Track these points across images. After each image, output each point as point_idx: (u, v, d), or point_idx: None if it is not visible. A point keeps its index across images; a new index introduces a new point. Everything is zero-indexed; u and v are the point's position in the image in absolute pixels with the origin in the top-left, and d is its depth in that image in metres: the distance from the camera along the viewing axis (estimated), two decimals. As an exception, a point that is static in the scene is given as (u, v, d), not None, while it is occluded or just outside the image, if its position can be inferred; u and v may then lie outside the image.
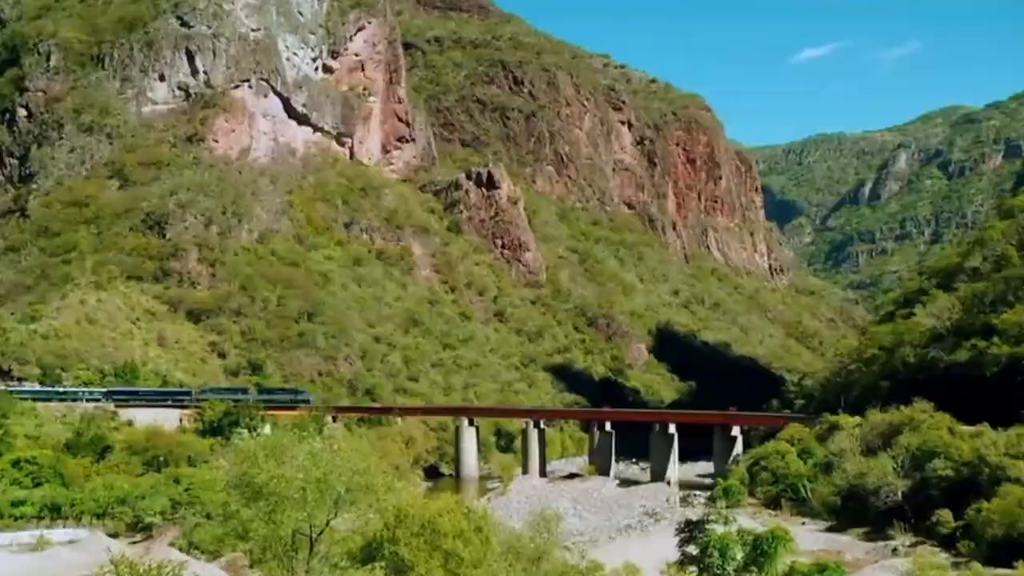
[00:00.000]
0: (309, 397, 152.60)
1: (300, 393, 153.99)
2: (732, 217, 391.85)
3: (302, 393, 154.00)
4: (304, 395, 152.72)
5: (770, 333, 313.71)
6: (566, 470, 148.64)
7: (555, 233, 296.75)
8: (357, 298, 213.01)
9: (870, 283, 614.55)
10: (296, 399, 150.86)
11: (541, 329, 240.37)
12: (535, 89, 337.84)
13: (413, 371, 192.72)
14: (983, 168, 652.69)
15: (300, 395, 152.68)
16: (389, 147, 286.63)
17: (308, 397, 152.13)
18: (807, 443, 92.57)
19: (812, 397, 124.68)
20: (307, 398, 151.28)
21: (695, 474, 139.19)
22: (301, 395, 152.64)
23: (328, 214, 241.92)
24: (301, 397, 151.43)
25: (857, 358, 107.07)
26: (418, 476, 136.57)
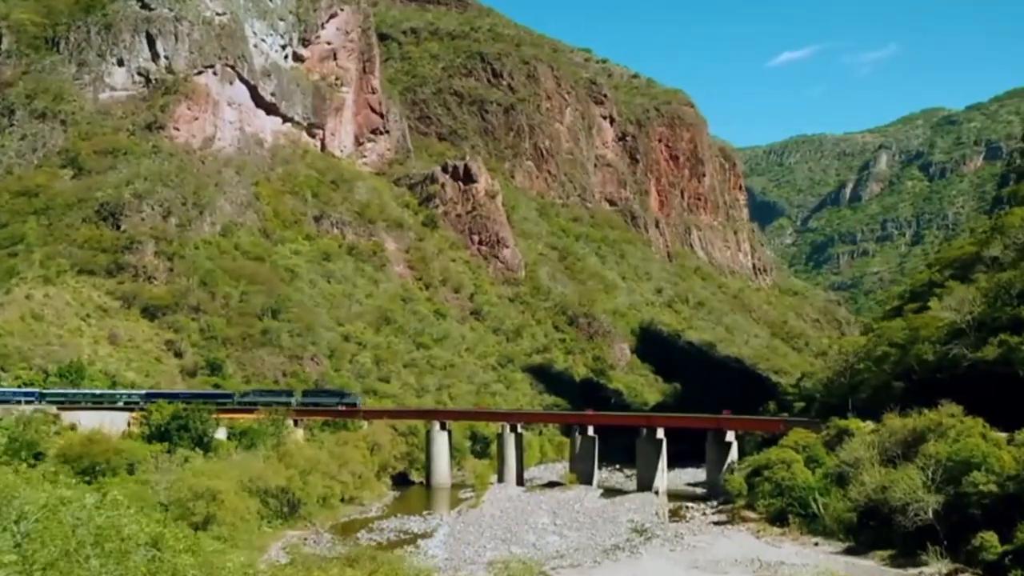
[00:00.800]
0: (356, 400, 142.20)
1: (346, 395, 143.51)
2: (716, 215, 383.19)
3: (348, 395, 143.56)
4: (351, 397, 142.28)
5: (755, 333, 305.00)
6: (545, 477, 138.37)
7: (534, 230, 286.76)
8: (326, 295, 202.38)
9: (851, 284, 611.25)
10: (343, 402, 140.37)
11: (519, 328, 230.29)
12: (514, 82, 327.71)
13: (384, 371, 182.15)
14: (964, 170, 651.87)
15: (346, 398, 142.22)
16: (362, 139, 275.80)
17: (355, 400, 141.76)
18: (814, 450, 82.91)
19: (813, 399, 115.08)
20: (354, 400, 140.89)
21: (684, 482, 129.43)
22: (347, 398, 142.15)
23: (297, 207, 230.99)
24: (348, 400, 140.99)
25: (865, 356, 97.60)
26: (385, 484, 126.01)
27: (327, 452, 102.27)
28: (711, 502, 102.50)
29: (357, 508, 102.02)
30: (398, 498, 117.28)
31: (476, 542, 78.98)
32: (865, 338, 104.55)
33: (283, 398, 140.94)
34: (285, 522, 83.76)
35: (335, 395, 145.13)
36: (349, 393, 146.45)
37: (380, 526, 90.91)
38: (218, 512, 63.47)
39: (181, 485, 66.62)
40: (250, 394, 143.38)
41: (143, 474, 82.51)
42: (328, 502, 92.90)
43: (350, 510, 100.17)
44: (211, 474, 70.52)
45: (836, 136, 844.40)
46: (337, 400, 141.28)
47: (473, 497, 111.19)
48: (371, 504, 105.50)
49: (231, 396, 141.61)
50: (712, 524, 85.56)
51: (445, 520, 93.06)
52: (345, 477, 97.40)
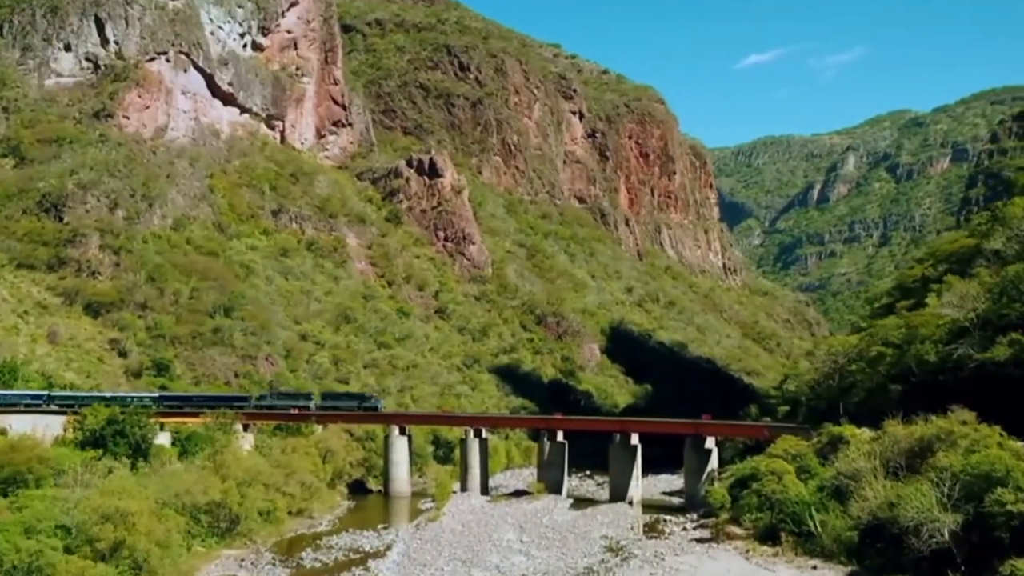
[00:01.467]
0: (378, 403, 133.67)
1: (367, 399, 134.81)
2: (686, 214, 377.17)
3: (369, 399, 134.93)
4: (372, 401, 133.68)
5: (727, 333, 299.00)
6: (511, 485, 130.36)
7: (502, 226, 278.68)
8: (283, 292, 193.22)
9: (819, 286, 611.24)
10: (363, 405, 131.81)
11: (486, 327, 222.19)
12: (482, 75, 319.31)
13: (343, 372, 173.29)
14: (931, 171, 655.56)
15: (367, 401, 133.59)
16: (324, 131, 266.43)
17: (377, 403, 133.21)
18: (806, 460, 75.56)
19: (798, 403, 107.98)
20: (375, 404, 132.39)
21: (659, 491, 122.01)
22: (368, 401, 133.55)
23: (254, 201, 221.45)
24: (369, 404, 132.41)
25: (856, 357, 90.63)
26: (340, 494, 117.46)
27: (273, 460, 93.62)
28: (691, 515, 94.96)
29: (306, 522, 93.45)
30: (353, 509, 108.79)
31: (433, 563, 70.83)
32: (856, 337, 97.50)
33: (302, 401, 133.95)
34: (221, 540, 75.11)
35: (354, 398, 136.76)
36: (370, 396, 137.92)
37: (329, 543, 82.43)
38: (128, 537, 54.96)
39: (86, 505, 57.80)
40: (267, 397, 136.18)
41: (64, 488, 73.46)
42: (273, 516, 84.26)
43: (298, 524, 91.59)
44: (125, 491, 61.70)
45: (804, 137, 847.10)
46: (356, 404, 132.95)
47: (433, 508, 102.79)
48: (322, 517, 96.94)
49: (247, 399, 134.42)
50: (694, 541, 77.94)
51: (401, 536, 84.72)
52: (292, 488, 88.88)
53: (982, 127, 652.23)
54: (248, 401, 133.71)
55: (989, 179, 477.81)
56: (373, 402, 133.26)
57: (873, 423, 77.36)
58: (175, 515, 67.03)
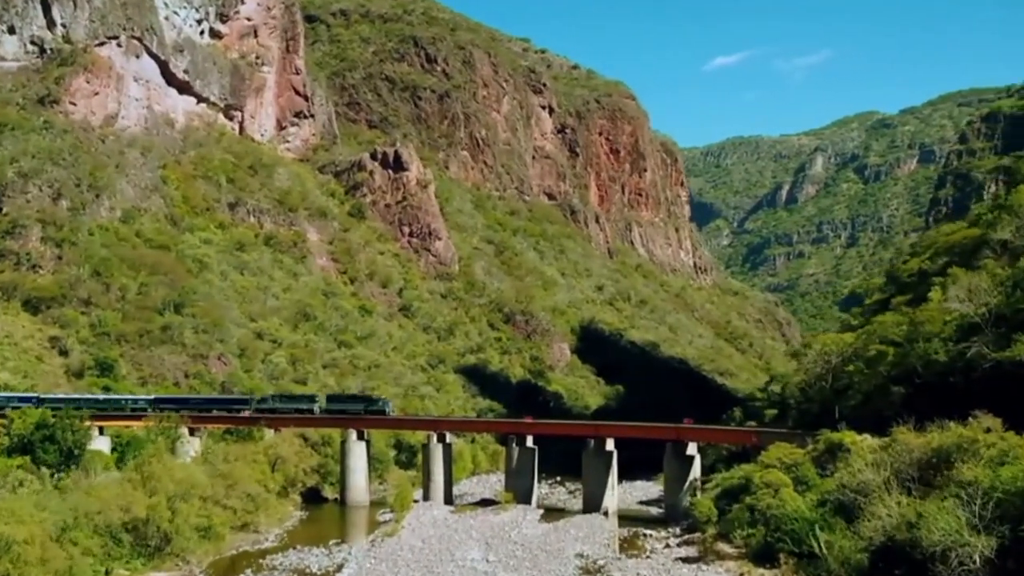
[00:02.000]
0: (386, 406, 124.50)
1: (374, 402, 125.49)
2: (657, 211, 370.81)
3: (376, 402, 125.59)
4: (379, 404, 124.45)
5: (699, 333, 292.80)
6: (478, 493, 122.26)
7: (469, 222, 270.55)
8: (238, 288, 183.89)
9: (787, 286, 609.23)
10: (369, 409, 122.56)
11: (452, 326, 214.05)
12: (449, 68, 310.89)
13: (301, 372, 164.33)
14: (898, 173, 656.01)
15: (374, 404, 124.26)
16: (284, 123, 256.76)
17: (385, 406, 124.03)
18: (803, 470, 68.26)
19: (787, 406, 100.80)
20: (383, 408, 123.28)
21: (636, 500, 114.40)
22: (375, 404, 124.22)
23: (210, 193, 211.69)
24: (375, 407, 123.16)
25: (853, 356, 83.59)
26: (292, 503, 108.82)
27: (214, 470, 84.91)
28: (673, 528, 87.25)
29: (251, 537, 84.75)
30: (305, 521, 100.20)
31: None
32: (851, 335, 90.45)
33: (305, 404, 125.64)
34: (149, 562, 66.43)
35: (360, 401, 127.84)
36: (377, 399, 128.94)
37: (273, 562, 73.92)
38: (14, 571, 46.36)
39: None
40: (268, 399, 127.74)
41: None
42: (213, 532, 75.61)
43: (242, 540, 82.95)
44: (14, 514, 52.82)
45: (772, 138, 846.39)
46: (363, 407, 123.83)
47: (392, 521, 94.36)
48: (269, 531, 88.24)
49: (247, 402, 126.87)
50: (680, 561, 70.23)
51: (354, 554, 76.25)
52: (234, 501, 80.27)
53: (949, 129, 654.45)
54: (248, 404, 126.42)
55: (958, 180, 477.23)
56: (380, 405, 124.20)
57: (874, 429, 70.38)
58: (88, 537, 58.54)
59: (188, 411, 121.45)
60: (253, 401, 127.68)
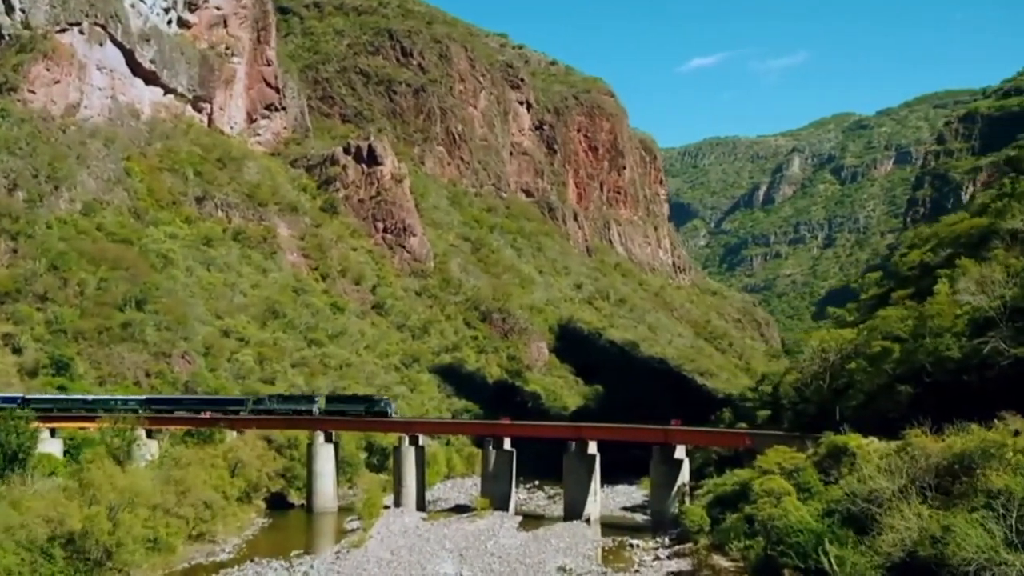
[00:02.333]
0: (389, 407, 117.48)
1: (376, 403, 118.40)
2: (635, 209, 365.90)
3: (379, 403, 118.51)
4: (382, 405, 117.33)
5: (679, 332, 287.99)
6: (452, 499, 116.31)
7: (445, 219, 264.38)
8: (204, 284, 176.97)
9: (764, 287, 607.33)
10: (370, 410, 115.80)
11: (427, 324, 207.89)
12: (425, 61, 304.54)
13: (268, 372, 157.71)
14: (875, 174, 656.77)
15: (376, 405, 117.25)
16: (255, 115, 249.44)
17: (387, 407, 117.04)
18: (805, 476, 62.79)
19: (781, 407, 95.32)
20: (385, 408, 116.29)
21: (619, 505, 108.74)
22: (377, 405, 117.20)
23: (176, 186, 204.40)
24: (378, 408, 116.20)
25: (854, 353, 78.28)
26: (256, 510, 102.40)
27: (166, 476, 78.43)
28: (661, 537, 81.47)
29: (206, 548, 78.44)
30: (268, 529, 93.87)
31: None
32: (851, 331, 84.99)
33: (304, 405, 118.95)
34: (88, 579, 60.05)
35: (361, 401, 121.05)
36: (379, 399, 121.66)
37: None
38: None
39: None
40: (265, 400, 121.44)
41: None
42: (164, 543, 69.28)
43: (196, 551, 76.63)
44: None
45: (749, 139, 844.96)
46: (364, 408, 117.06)
47: (359, 529, 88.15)
48: (227, 541, 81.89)
49: (243, 402, 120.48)
50: (671, 575, 64.82)
51: (316, 568, 70.16)
52: (186, 509, 73.91)
53: (925, 130, 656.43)
54: (244, 405, 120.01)
55: (936, 180, 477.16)
56: (383, 406, 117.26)
57: (879, 431, 65.16)
58: (9, 553, 52.21)
59: (182, 411, 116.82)
60: (249, 402, 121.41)
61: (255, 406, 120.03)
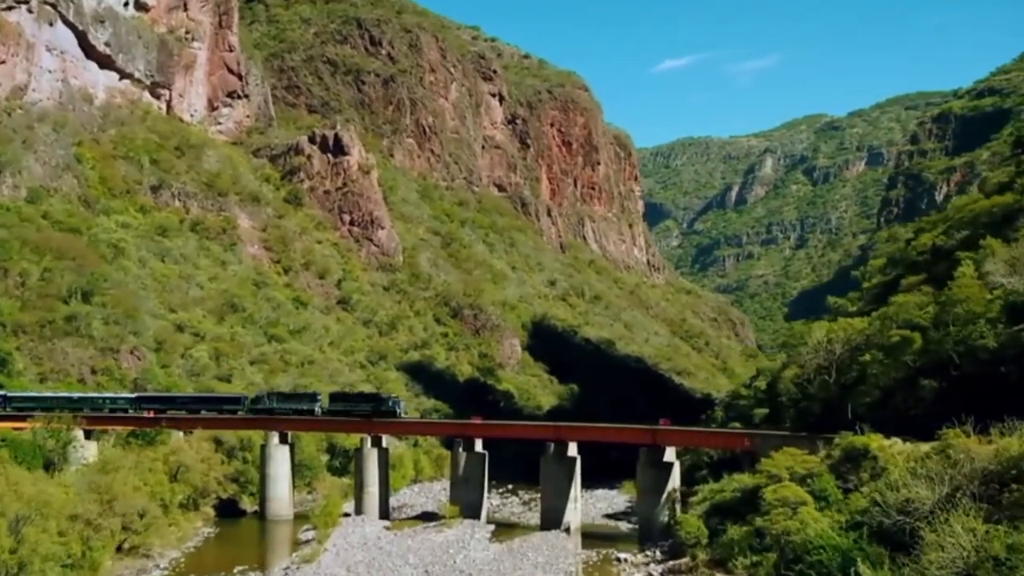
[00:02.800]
0: (397, 406, 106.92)
1: (383, 401, 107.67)
2: (610, 206, 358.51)
3: (386, 401, 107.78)
4: (390, 404, 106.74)
5: (655, 331, 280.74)
6: (419, 505, 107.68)
7: (415, 213, 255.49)
8: (158, 276, 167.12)
9: (737, 287, 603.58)
10: (377, 409, 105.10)
11: (395, 320, 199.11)
12: (395, 51, 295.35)
13: (225, 368, 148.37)
14: (847, 175, 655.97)
15: (383, 404, 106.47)
16: (216, 103, 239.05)
17: (396, 406, 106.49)
18: (821, 483, 54.86)
19: (780, 405, 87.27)
20: (393, 408, 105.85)
21: (600, 513, 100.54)
22: (385, 404, 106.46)
23: (130, 174, 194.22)
24: (386, 407, 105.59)
25: (866, 344, 70.39)
26: (203, 518, 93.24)
27: (90, 484, 69.19)
28: (651, 550, 73.26)
29: (139, 563, 69.34)
30: (213, 539, 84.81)
31: None
32: (862, 320, 76.91)
33: (306, 404, 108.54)
34: (-12, 603, 51.01)
35: (368, 400, 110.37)
36: (387, 398, 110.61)
37: (158, 599, 58.80)
38: None
39: None
40: (264, 398, 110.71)
41: None
42: (86, 560, 60.24)
43: (126, 567, 67.54)
44: None
45: (722, 139, 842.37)
46: (370, 407, 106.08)
47: (314, 541, 79.28)
48: (163, 555, 72.83)
49: (239, 401, 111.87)
50: (669, 596, 56.90)
51: (262, 586, 61.51)
52: (112, 520, 64.83)
53: (897, 131, 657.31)
54: (241, 403, 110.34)
55: (909, 180, 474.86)
56: (391, 405, 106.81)
57: (900, 430, 57.58)
58: None
59: (175, 410, 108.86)
60: (246, 400, 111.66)
61: (253, 405, 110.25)
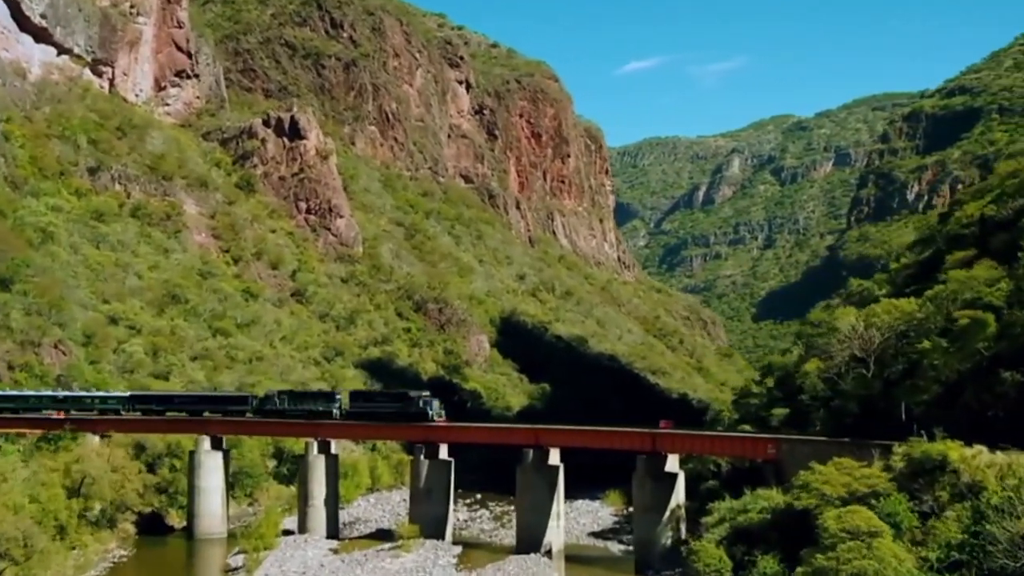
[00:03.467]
0: (429, 408, 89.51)
1: (411, 401, 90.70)
2: (580, 200, 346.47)
3: (415, 401, 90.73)
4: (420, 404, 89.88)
5: (629, 328, 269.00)
6: (374, 520, 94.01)
7: (377, 202, 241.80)
8: (91, 264, 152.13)
9: (704, 287, 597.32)
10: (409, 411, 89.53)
11: (353, 314, 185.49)
12: (357, 34, 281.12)
13: (162, 365, 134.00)
14: (814, 175, 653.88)
15: (414, 403, 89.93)
16: (164, 82, 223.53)
17: (427, 407, 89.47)
18: (891, 505, 42.21)
19: (803, 405, 73.92)
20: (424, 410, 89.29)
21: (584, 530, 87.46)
22: (415, 403, 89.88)
23: (65, 155, 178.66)
24: (416, 408, 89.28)
25: (917, 330, 57.83)
26: (119, 538, 79.08)
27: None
28: (654, 581, 60.91)
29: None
30: (125, 564, 70.87)
31: None
32: (911, 302, 63.47)
33: (322, 404, 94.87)
34: None
35: (395, 399, 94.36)
36: (417, 397, 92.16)
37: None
38: None
39: None
40: (274, 398, 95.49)
41: None
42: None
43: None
44: None
45: (689, 139, 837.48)
46: (398, 406, 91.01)
47: (243, 569, 65.59)
48: (54, 588, 58.96)
49: (246, 400, 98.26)
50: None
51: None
52: None
53: (864, 132, 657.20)
54: (248, 403, 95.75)
55: (880, 179, 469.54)
56: (421, 405, 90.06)
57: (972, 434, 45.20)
58: None
59: (175, 410, 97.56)
60: (253, 400, 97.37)
61: (261, 405, 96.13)
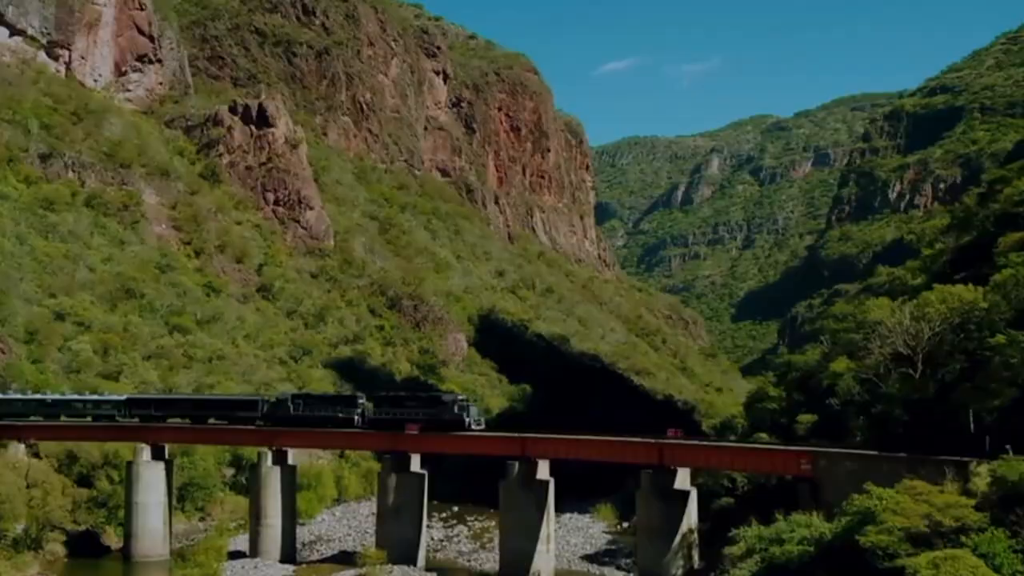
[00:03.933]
0: (466, 414, 79.20)
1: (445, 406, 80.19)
2: (560, 196, 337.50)
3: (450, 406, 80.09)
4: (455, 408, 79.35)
5: (611, 327, 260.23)
6: (337, 539, 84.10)
7: (350, 195, 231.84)
8: (38, 255, 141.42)
9: (683, 287, 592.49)
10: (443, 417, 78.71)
11: (323, 311, 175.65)
12: (329, 21, 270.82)
13: (113, 364, 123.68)
14: (793, 175, 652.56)
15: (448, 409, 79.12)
16: (125, 67, 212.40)
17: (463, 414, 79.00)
18: (985, 542, 32.91)
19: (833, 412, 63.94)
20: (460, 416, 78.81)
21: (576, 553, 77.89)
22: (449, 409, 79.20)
23: (15, 140, 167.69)
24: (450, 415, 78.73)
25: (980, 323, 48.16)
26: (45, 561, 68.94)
27: None
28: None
29: None
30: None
31: None
32: (970, 290, 53.12)
33: (343, 409, 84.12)
34: None
35: (425, 404, 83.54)
36: (450, 401, 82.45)
37: None
38: None
39: None
40: (288, 402, 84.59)
41: None
42: None
43: None
44: None
45: (668, 139, 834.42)
46: (430, 412, 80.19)
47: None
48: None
49: (255, 404, 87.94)
50: None
51: None
52: None
53: (843, 132, 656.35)
54: (257, 407, 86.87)
55: (861, 178, 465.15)
56: (456, 411, 79.32)
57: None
58: None
59: (172, 415, 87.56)
60: (264, 404, 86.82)
61: (273, 411, 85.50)
